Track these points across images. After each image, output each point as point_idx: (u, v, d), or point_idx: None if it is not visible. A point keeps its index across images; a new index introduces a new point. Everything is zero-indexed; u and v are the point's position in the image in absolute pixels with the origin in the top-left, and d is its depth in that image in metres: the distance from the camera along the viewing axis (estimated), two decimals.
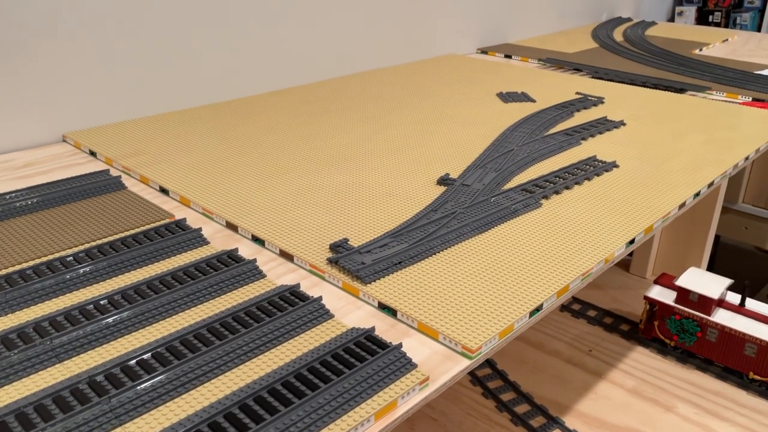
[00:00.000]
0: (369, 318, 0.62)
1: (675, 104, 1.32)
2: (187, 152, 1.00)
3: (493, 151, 1.01)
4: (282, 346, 0.56)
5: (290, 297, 0.62)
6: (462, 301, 0.63)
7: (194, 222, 0.79)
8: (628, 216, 0.82)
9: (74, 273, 0.65)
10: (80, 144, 1.04)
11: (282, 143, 1.04)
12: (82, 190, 0.85)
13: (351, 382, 0.51)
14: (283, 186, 0.88)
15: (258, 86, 1.34)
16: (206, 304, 0.62)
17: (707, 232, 1.15)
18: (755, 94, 1.38)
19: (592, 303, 1.14)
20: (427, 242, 0.73)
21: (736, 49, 1.93)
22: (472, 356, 0.56)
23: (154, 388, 0.50)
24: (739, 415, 0.88)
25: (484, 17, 1.89)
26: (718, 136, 1.12)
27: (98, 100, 1.11)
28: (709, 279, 0.96)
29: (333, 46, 1.48)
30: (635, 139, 1.09)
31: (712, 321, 0.94)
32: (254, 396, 0.49)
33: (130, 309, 0.59)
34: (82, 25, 1.06)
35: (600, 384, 0.95)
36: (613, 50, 1.86)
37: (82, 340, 0.55)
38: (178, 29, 1.19)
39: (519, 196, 0.85)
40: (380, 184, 0.89)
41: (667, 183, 0.92)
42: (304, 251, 0.71)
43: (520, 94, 1.35)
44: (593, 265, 0.70)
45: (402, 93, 1.36)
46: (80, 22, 1.06)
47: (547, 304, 0.64)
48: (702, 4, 3.08)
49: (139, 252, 0.69)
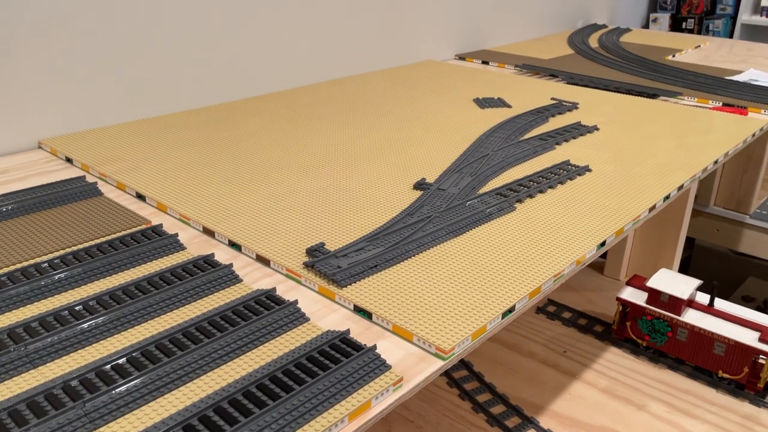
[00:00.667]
0: (344, 321, 0.62)
1: (647, 109, 1.34)
2: (164, 158, 1.00)
3: (469, 156, 1.03)
4: (257, 349, 0.57)
5: (266, 301, 0.63)
6: (436, 303, 0.64)
7: (171, 228, 0.79)
8: (599, 219, 0.83)
9: (49, 279, 0.65)
10: (56, 150, 1.04)
11: (259, 149, 1.05)
12: (58, 197, 0.85)
13: (325, 383, 0.52)
14: (260, 191, 0.89)
15: (235, 92, 1.35)
16: (182, 309, 0.62)
17: (678, 235, 1.18)
18: (726, 99, 1.41)
19: (567, 305, 1.16)
20: (402, 246, 0.74)
21: (708, 55, 1.98)
22: (446, 357, 0.58)
23: (129, 393, 0.50)
24: (709, 413, 0.90)
25: (461, 24, 1.91)
26: (688, 140, 1.14)
27: (74, 106, 1.11)
28: (679, 280, 0.99)
29: (310, 52, 1.49)
30: (608, 144, 1.11)
31: (682, 321, 0.96)
32: (229, 399, 0.50)
33: (105, 314, 0.59)
34: (57, 31, 1.06)
35: (574, 384, 0.96)
36: (588, 56, 1.90)
37: (57, 346, 0.55)
38: (153, 35, 1.19)
39: (494, 200, 0.87)
40: (357, 188, 0.90)
41: (638, 186, 0.94)
42: (281, 256, 0.72)
43: (496, 100, 1.37)
44: (565, 266, 0.72)
45: (379, 99, 1.37)
46: (55, 28, 1.05)
47: (520, 305, 0.66)
48: (675, 11, 3.13)
49: (114, 258, 0.69)
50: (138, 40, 1.17)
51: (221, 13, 1.28)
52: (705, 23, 3.11)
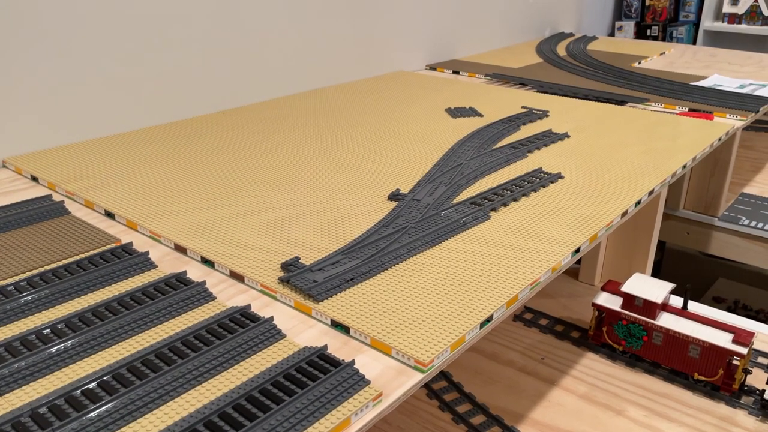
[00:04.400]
0: (322, 336, 0.61)
1: (616, 116, 1.36)
2: (132, 175, 0.98)
3: (443, 166, 1.03)
4: (233, 368, 0.56)
5: (241, 318, 0.62)
6: (414, 315, 0.63)
7: (141, 246, 0.77)
8: (573, 225, 0.84)
9: (15, 303, 0.63)
10: (21, 169, 1.01)
11: (230, 163, 1.04)
12: (24, 217, 0.83)
13: (304, 401, 0.51)
14: (232, 206, 0.87)
15: (204, 106, 1.33)
16: (154, 329, 0.61)
17: (650, 239, 1.19)
18: (691, 104, 1.44)
19: (544, 312, 1.16)
20: (378, 258, 0.73)
21: (673, 62, 2.02)
22: (425, 370, 0.57)
23: (101, 418, 0.48)
24: (686, 416, 0.91)
25: (432, 34, 1.92)
26: (657, 145, 1.16)
27: (39, 124, 1.09)
28: (652, 284, 1.00)
29: (281, 64, 1.48)
30: (579, 151, 1.13)
31: (657, 325, 0.97)
32: (204, 421, 0.49)
33: (74, 337, 0.58)
34: (19, 49, 1.03)
35: (553, 391, 0.96)
36: (556, 65, 1.92)
37: (24, 372, 0.54)
38: (117, 51, 1.17)
39: (468, 209, 0.87)
40: (331, 201, 0.90)
41: (610, 192, 0.95)
42: (255, 271, 0.71)
43: (468, 109, 1.38)
44: (541, 274, 0.72)
45: (351, 110, 1.37)
46: (18, 46, 1.03)
47: (498, 314, 0.65)
48: (640, 19, 3.20)
49: (83, 278, 0.68)
50: (101, 56, 1.15)
51: (187, 27, 1.27)
52: (669, 30, 3.18)
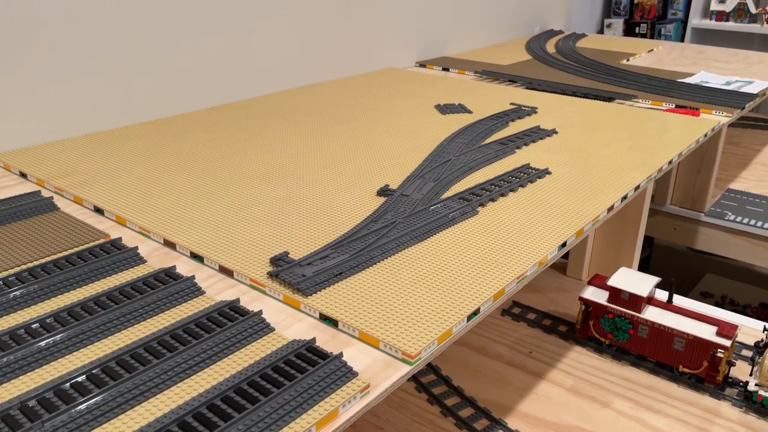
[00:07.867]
0: (310, 329, 0.62)
1: (604, 112, 1.37)
2: (121, 171, 0.98)
3: (432, 162, 1.03)
4: (222, 362, 0.56)
5: (230, 312, 0.62)
6: (402, 308, 0.64)
7: (131, 241, 0.78)
8: (560, 220, 0.85)
9: (4, 297, 0.63)
10: (9, 165, 1.01)
11: (220, 159, 1.04)
12: (13, 213, 0.83)
13: (291, 393, 0.51)
14: (222, 201, 0.88)
15: (193, 103, 1.33)
16: (143, 324, 0.61)
17: (637, 234, 1.20)
18: (678, 101, 1.45)
19: (532, 306, 1.17)
20: (367, 252, 0.74)
21: (661, 59, 2.03)
22: (413, 362, 0.58)
23: (90, 411, 0.49)
24: (671, 407, 0.92)
25: (422, 31, 1.93)
26: (644, 141, 1.17)
27: (28, 120, 1.08)
28: (638, 278, 1.01)
29: (270, 61, 1.48)
30: (566, 147, 1.13)
31: (643, 318, 0.98)
32: (193, 413, 0.49)
33: (63, 331, 0.58)
34: (7, 45, 1.03)
35: (540, 384, 0.97)
36: (545, 62, 1.93)
37: (13, 366, 0.54)
38: (106, 47, 1.17)
39: (456, 204, 0.88)
40: (321, 196, 0.90)
41: (597, 188, 0.96)
42: (244, 266, 0.71)
43: (457, 106, 1.39)
44: (528, 268, 0.73)
45: (341, 107, 1.37)
46: (5, 42, 1.03)
47: (485, 307, 0.66)
48: (629, 17, 3.21)
49: (72, 273, 0.68)
50: (91, 53, 1.14)
51: (175, 23, 1.27)
52: (657, 28, 3.20)
